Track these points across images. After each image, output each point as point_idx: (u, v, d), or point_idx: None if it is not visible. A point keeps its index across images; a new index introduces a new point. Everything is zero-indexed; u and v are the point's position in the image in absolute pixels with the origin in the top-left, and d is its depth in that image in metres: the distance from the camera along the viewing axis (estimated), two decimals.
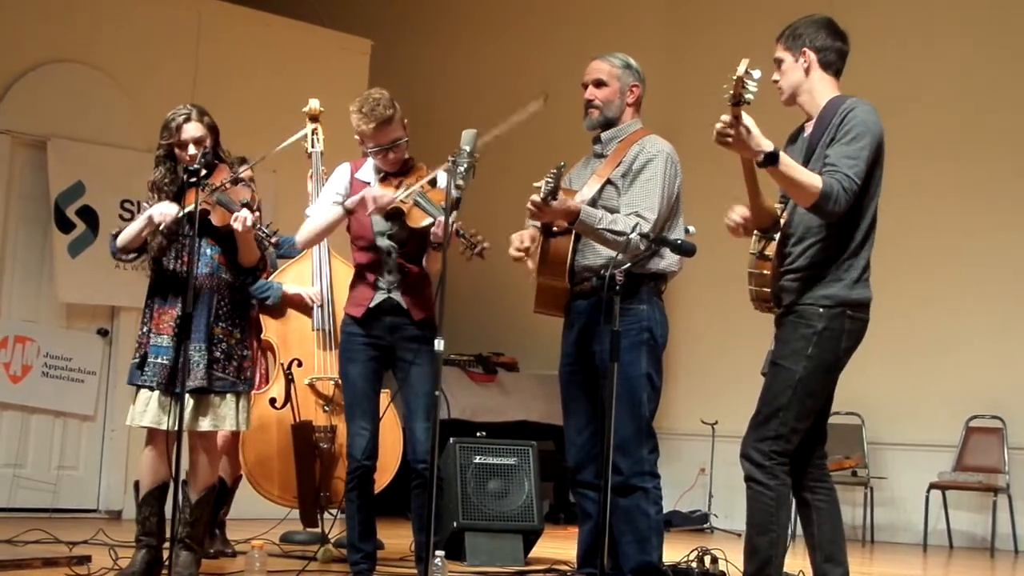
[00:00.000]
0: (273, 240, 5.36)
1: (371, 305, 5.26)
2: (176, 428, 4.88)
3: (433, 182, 5.24)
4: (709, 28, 11.00)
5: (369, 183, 5.33)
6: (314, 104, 6.92)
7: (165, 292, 5.25)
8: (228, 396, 5.22)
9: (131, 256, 5.32)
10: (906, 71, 9.94)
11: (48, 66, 8.53)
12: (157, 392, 5.14)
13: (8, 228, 8.38)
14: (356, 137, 5.34)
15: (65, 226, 8.39)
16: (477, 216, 4.70)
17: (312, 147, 6.85)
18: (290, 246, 6.92)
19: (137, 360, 5.21)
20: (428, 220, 5.07)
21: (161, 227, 5.14)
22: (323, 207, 5.37)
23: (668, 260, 4.98)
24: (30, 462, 8.31)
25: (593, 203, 4.94)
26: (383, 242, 5.25)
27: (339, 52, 9.95)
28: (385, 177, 5.33)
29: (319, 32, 10.07)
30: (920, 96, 9.85)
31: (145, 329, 5.24)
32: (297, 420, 6.47)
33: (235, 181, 5.23)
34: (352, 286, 5.38)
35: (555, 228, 4.97)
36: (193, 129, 5.21)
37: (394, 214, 5.19)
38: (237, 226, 5.07)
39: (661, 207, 4.97)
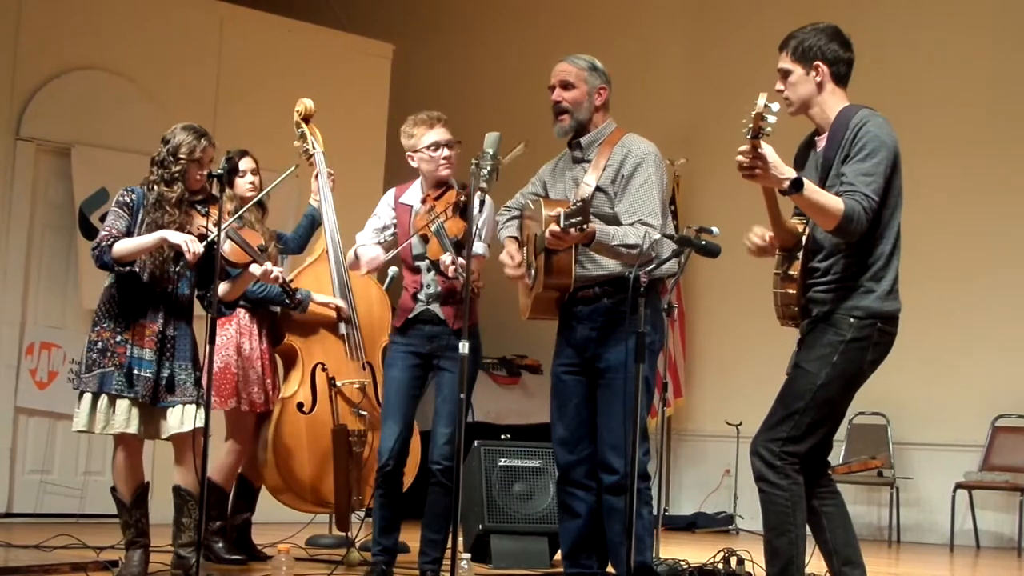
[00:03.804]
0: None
1: (410, 316, 5.57)
2: (203, 434, 5.02)
3: (458, 209, 5.49)
4: (733, 28, 10.97)
5: (412, 206, 5.68)
6: (308, 103, 6.84)
7: (144, 305, 5.40)
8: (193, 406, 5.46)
9: (125, 268, 5.42)
10: (922, 69, 9.90)
11: (71, 73, 8.57)
12: (128, 401, 5.31)
13: (33, 235, 8.42)
14: (408, 152, 5.64)
15: (90, 233, 8.40)
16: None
17: (313, 148, 6.78)
18: (287, 240, 6.92)
19: (112, 370, 5.32)
20: (444, 255, 5.38)
21: (186, 260, 5.33)
22: (365, 236, 5.74)
23: (669, 262, 4.99)
24: (57, 468, 8.36)
25: None
26: (421, 262, 5.58)
27: (361, 56, 9.97)
28: (425, 199, 5.65)
29: (340, 36, 10.09)
30: (943, 93, 9.81)
31: (120, 339, 5.36)
32: (336, 424, 6.47)
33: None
34: (400, 301, 5.71)
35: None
36: (211, 151, 5.48)
37: (422, 239, 5.54)
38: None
39: (661, 209, 5.00)
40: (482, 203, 4.87)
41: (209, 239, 5.28)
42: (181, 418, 5.37)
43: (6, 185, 8.31)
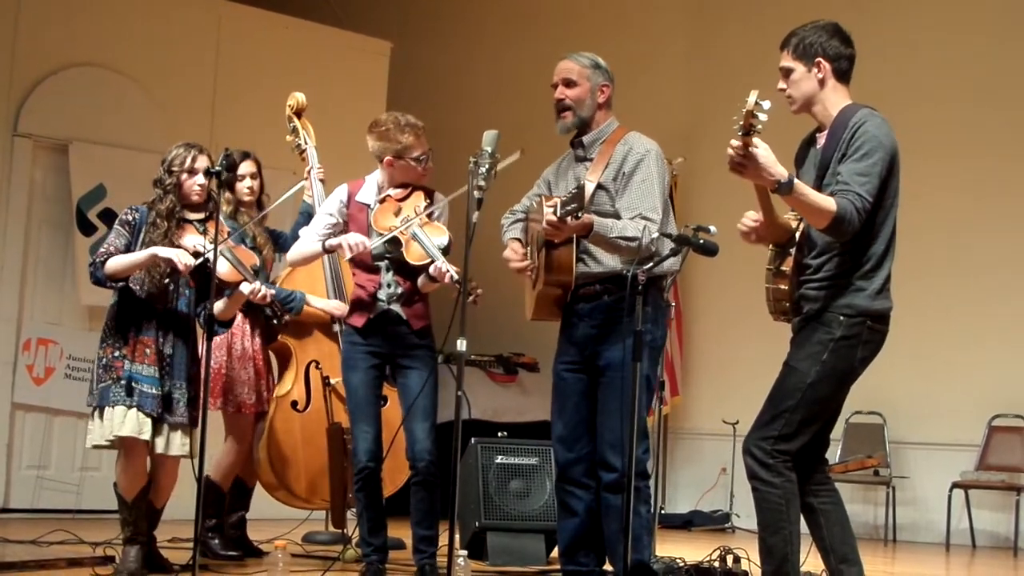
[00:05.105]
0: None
1: (372, 316, 5.48)
2: (198, 449, 5.06)
3: (431, 214, 5.43)
4: (733, 28, 10.97)
5: (369, 205, 5.55)
6: (300, 97, 6.81)
7: (139, 320, 5.44)
8: (190, 429, 5.47)
9: (119, 284, 5.43)
10: (922, 69, 9.90)
11: (69, 70, 8.56)
12: (135, 410, 5.33)
13: (31, 231, 8.41)
14: (388, 156, 5.51)
15: (87, 229, 8.42)
16: (486, 220, 4.72)
17: (305, 143, 6.77)
18: (285, 239, 6.91)
19: (110, 383, 5.36)
20: (427, 260, 5.29)
21: (180, 274, 5.36)
22: (313, 232, 5.61)
23: (671, 260, 4.99)
24: (53, 463, 8.35)
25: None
26: (381, 262, 5.47)
27: (359, 54, 9.97)
28: (384, 200, 5.52)
29: (338, 34, 10.08)
30: (939, 94, 9.82)
31: (118, 354, 5.41)
32: (330, 422, 6.47)
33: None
34: (353, 299, 5.61)
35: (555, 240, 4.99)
36: (204, 161, 5.49)
37: (393, 240, 5.38)
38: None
39: (661, 206, 5.00)
40: (480, 202, 4.84)
41: (203, 258, 5.28)
42: (167, 442, 5.42)
43: (3, 181, 8.30)
